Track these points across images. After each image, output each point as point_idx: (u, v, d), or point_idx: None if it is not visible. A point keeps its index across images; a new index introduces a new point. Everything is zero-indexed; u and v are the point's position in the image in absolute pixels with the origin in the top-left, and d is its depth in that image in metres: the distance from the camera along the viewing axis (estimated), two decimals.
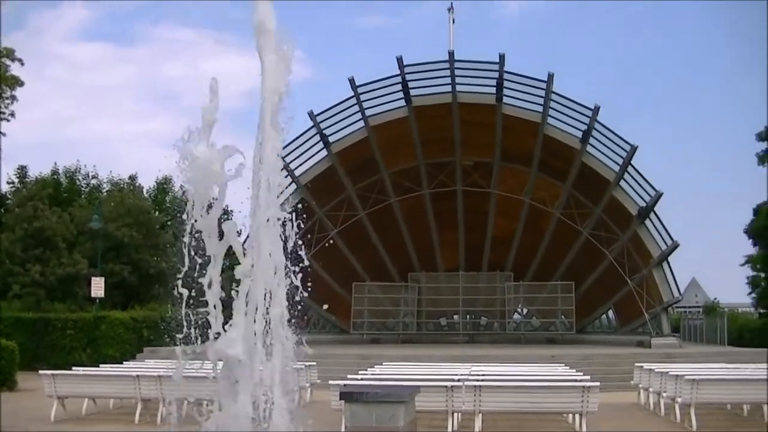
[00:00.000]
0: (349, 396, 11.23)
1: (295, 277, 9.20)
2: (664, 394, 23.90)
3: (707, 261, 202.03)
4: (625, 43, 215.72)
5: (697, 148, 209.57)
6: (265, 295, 8.81)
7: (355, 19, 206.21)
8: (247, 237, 9.58)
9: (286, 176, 46.56)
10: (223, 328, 8.79)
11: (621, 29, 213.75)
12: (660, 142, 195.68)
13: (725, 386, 22.72)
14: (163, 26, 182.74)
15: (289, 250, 9.18)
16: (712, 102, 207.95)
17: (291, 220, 9.23)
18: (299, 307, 9.43)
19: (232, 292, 8.93)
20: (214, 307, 8.80)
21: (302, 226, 9.74)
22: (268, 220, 8.98)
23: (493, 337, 54.44)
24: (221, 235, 8.94)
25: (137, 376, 23.12)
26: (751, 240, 62.92)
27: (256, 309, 8.79)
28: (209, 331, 8.84)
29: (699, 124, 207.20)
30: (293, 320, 9.23)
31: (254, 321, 8.73)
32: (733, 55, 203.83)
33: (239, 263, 8.94)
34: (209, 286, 8.75)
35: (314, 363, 27.96)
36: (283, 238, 9.15)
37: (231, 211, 10.53)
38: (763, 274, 65.83)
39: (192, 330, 8.75)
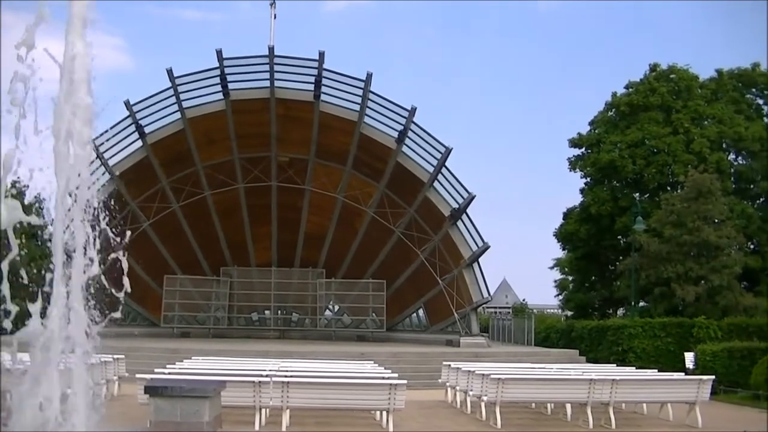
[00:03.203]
0: (153, 390, 11.07)
1: (102, 267, 8.94)
2: (471, 393, 24.27)
3: (518, 263, 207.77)
4: (446, 45, 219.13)
5: (511, 152, 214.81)
6: (67, 284, 8.54)
7: (178, 10, 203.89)
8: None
9: (99, 166, 45.66)
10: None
11: (443, 31, 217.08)
12: (475, 144, 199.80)
13: (530, 385, 23.23)
14: None
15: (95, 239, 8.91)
16: (530, 107, 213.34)
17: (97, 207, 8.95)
18: (106, 298, 9.17)
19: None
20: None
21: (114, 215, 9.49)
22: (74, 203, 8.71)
23: (304, 334, 54.51)
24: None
25: None
26: (559, 243, 64.73)
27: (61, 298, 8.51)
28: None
29: (515, 128, 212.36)
30: (99, 312, 8.96)
31: (53, 312, 8.46)
32: (553, 61, 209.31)
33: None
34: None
35: (123, 356, 27.53)
36: (90, 226, 8.88)
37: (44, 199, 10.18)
38: (570, 277, 67.82)
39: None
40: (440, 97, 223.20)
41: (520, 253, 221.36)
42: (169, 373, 21.56)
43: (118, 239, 9.19)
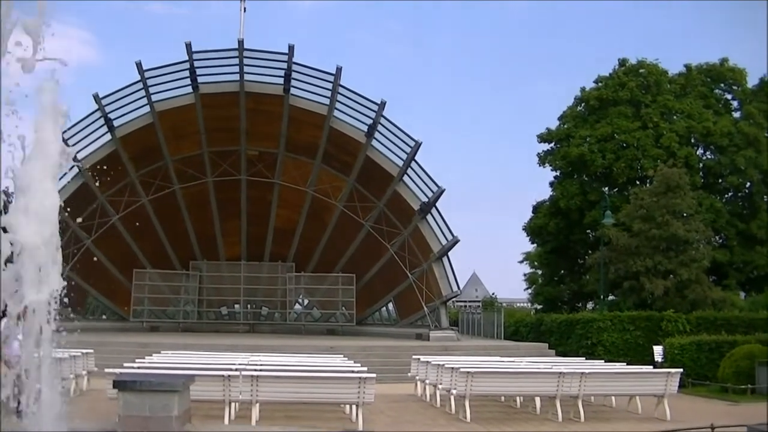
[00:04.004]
0: (122, 385, 10.98)
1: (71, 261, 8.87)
2: (440, 386, 24.34)
3: (488, 257, 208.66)
4: (417, 41, 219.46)
5: (482, 147, 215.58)
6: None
7: (147, 3, 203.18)
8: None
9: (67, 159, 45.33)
10: None
11: (414, 28, 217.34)
12: (445, 139, 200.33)
13: (499, 379, 23.33)
14: None
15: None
16: (499, 102, 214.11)
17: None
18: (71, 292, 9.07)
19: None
20: None
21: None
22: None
23: (273, 327, 54.49)
24: None
25: None
26: (529, 237, 64.94)
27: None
28: None
29: (485, 123, 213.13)
30: (68, 306, 8.87)
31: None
32: (523, 56, 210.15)
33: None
34: None
35: (92, 350, 27.39)
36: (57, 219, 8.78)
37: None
38: (539, 271, 68.03)
39: None
40: (410, 92, 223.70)
41: (489, 247, 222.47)
42: (138, 368, 21.47)
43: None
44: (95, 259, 46.14)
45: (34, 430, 8.29)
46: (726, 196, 60.85)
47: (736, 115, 61.49)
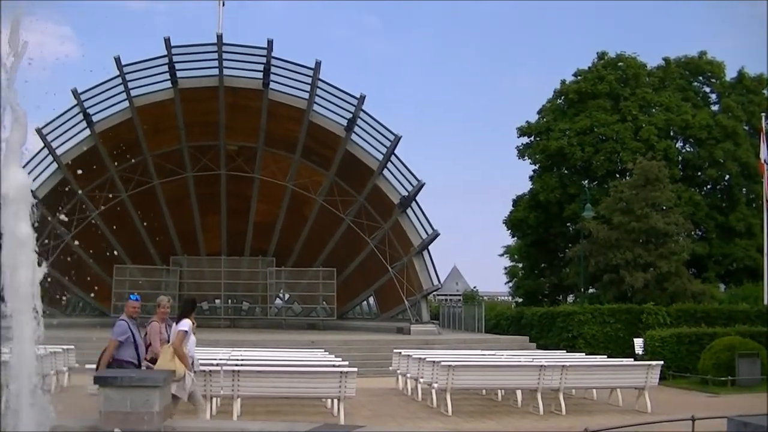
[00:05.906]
0: (103, 380, 10.97)
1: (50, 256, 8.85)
2: (422, 380, 24.33)
3: (469, 250, 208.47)
4: (395, 35, 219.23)
5: (461, 140, 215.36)
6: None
7: (125, 3, 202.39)
8: None
9: (47, 155, 45.27)
10: None
11: (392, 22, 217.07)
12: (425, 133, 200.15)
13: (480, 372, 23.34)
14: None
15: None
16: (480, 95, 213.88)
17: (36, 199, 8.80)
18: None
19: None
20: None
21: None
22: None
23: (254, 322, 54.41)
24: None
25: None
26: (509, 231, 65.05)
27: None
28: None
29: (464, 116, 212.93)
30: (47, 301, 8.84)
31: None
32: (502, 49, 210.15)
33: None
34: None
35: (72, 347, 27.32)
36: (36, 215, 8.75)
37: None
38: (520, 264, 68.13)
39: None
40: (389, 86, 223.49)
41: (470, 241, 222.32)
42: None
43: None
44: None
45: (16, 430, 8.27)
46: (705, 188, 61.17)
47: (715, 108, 61.82)
